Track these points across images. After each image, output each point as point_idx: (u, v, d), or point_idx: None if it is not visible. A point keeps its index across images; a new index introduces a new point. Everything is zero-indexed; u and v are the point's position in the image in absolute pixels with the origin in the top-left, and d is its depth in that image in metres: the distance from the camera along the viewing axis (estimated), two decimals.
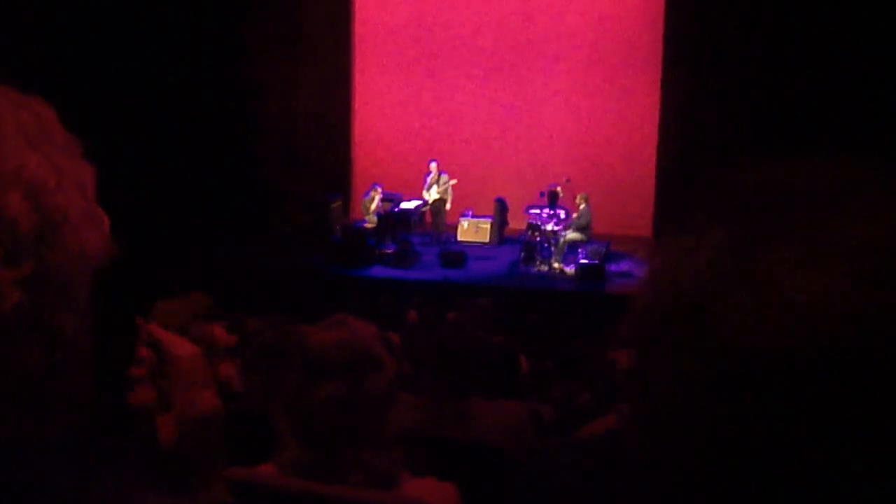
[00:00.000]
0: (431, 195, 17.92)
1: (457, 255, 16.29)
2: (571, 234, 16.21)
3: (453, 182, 17.88)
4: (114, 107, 14.76)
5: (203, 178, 17.12)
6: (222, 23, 17.54)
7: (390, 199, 17.81)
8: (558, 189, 16.65)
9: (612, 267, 16.09)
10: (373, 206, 17.68)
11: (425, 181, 18.02)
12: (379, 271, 15.84)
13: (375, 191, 17.88)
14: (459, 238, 17.83)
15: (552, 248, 16.08)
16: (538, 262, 16.05)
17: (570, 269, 15.83)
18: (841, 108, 13.05)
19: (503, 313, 12.31)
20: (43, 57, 13.60)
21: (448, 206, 17.90)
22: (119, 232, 0.93)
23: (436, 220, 17.94)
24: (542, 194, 16.70)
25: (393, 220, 17.12)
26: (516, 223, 17.63)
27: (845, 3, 14.65)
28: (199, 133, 17.18)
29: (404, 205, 17.63)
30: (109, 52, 15.79)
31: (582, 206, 16.40)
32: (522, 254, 16.18)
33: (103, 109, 13.00)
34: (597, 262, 15.67)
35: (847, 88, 13.96)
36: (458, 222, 18.03)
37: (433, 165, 17.97)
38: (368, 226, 17.42)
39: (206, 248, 15.62)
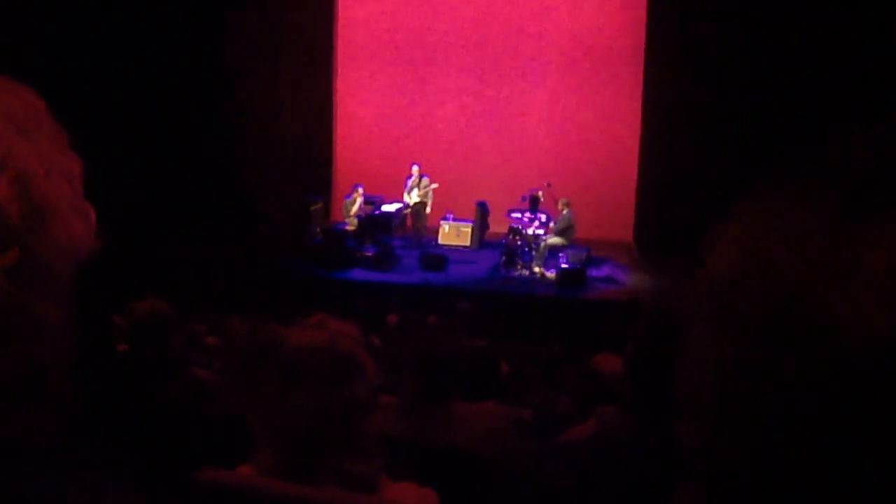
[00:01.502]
0: (412, 198, 17.86)
1: (437, 258, 16.21)
2: (552, 239, 16.17)
3: (435, 186, 17.85)
4: (93, 103, 14.71)
5: (182, 179, 17.07)
6: (203, 22, 17.52)
7: (371, 201, 17.78)
8: (539, 193, 16.67)
9: (593, 272, 16.11)
10: (354, 209, 17.63)
11: (406, 184, 17.98)
12: (359, 274, 15.75)
13: (357, 192, 17.83)
14: (440, 241, 17.80)
15: (533, 253, 16.04)
16: (519, 267, 16.00)
17: (550, 274, 15.79)
18: (825, 110, 13.18)
19: (484, 317, 12.29)
20: (25, 50, 13.58)
21: (429, 209, 17.87)
22: (103, 226, 0.92)
23: (416, 224, 17.90)
24: (523, 198, 16.69)
25: (373, 222, 17.01)
26: (497, 227, 17.63)
27: (828, 7, 14.83)
28: (178, 133, 17.17)
29: (385, 208, 17.55)
30: (92, 49, 15.79)
31: (564, 212, 16.37)
32: (503, 258, 16.12)
33: (83, 104, 12.86)
34: (578, 266, 15.69)
35: (831, 90, 14.05)
36: (439, 226, 17.98)
37: (415, 168, 17.92)
38: (349, 228, 17.35)
39: (185, 247, 15.55)
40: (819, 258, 0.63)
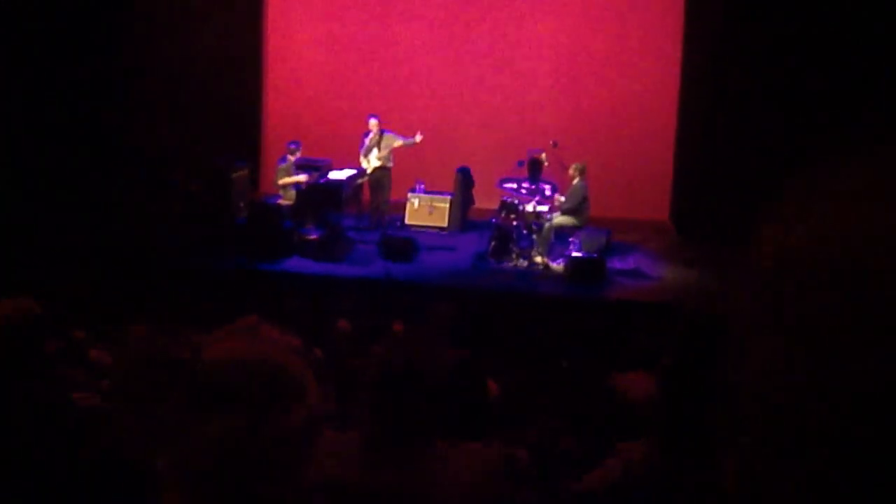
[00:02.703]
0: (371, 162, 17.66)
1: (404, 243, 16.12)
2: (560, 218, 16.11)
3: (400, 143, 17.62)
4: None
5: (69, 137, 17.08)
6: None
7: (315, 166, 17.53)
8: (542, 156, 16.54)
9: (615, 263, 16.11)
10: (290, 179, 17.40)
11: (362, 143, 17.78)
12: (298, 265, 15.69)
13: (294, 151, 17.52)
14: (408, 221, 17.83)
15: (534, 237, 15.92)
16: (514, 256, 15.90)
17: (557, 265, 15.76)
18: (884, 66, 13.68)
19: (466, 324, 11.89)
20: None
21: (419, 149, 17.60)
22: None
23: (376, 197, 17.77)
24: (520, 163, 16.59)
25: (318, 195, 16.79)
26: (485, 202, 17.76)
27: None
28: (67, 77, 17.23)
29: (334, 175, 17.31)
30: None
31: (576, 181, 16.28)
32: (493, 243, 16.00)
33: None
34: (594, 255, 15.62)
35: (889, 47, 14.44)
36: (407, 200, 17.97)
37: (373, 122, 17.67)
38: (284, 202, 17.17)
39: (72, 229, 15.50)
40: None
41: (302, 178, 17.20)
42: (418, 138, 17.32)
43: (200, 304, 11.62)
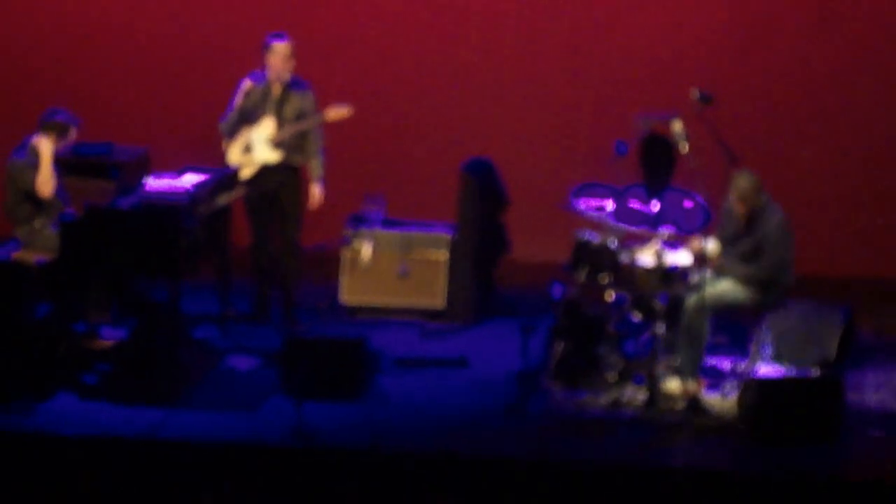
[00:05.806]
0: (256, 152, 16.28)
1: (342, 352, 14.28)
2: (725, 284, 14.22)
3: (326, 116, 16.07)
4: None
5: None
6: None
7: (106, 163, 16.66)
8: (676, 128, 14.51)
9: (866, 390, 14.68)
10: (48, 183, 14.93)
11: (230, 107, 16.01)
12: (71, 416, 13.43)
13: (54, 129, 15.12)
14: (348, 298, 16.74)
15: (658, 330, 14.10)
16: (610, 376, 14.18)
17: (720, 397, 14.10)
18: None
19: None
20: None
21: (318, 191, 16.07)
22: None
23: (265, 238, 16.43)
24: (620, 149, 14.70)
25: (117, 236, 14.27)
26: (534, 246, 17.54)
27: None
28: None
29: (154, 185, 14.99)
30: None
31: (762, 202, 14.18)
32: (557, 346, 14.32)
33: None
34: (809, 371, 14.51)
35: None
36: (346, 245, 16.51)
37: (279, 48, 16.01)
38: (30, 255, 15.11)
39: None
40: None
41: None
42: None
43: None
